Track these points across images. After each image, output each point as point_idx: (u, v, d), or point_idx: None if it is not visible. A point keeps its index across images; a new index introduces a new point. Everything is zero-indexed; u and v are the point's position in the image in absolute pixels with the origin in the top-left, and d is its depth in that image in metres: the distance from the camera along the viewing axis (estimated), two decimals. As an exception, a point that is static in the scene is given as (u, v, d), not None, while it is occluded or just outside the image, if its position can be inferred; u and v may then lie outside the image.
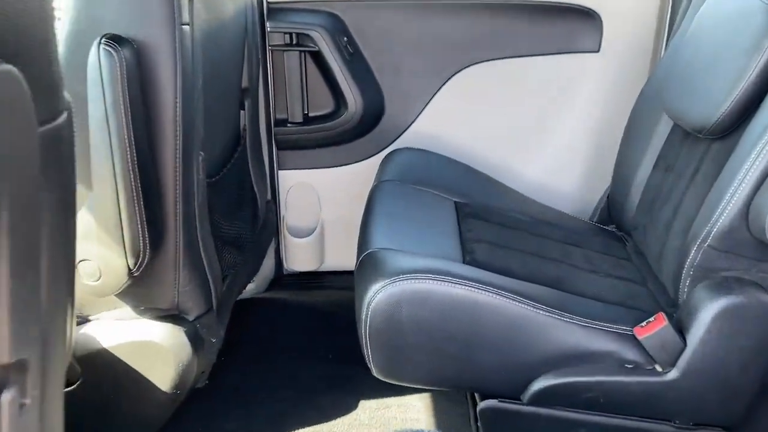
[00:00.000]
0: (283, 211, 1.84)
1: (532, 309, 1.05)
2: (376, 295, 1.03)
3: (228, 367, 1.47)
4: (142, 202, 1.00)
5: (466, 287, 1.04)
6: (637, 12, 1.69)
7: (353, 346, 1.09)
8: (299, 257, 1.88)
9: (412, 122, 1.77)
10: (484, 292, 1.04)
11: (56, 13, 0.99)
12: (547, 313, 1.05)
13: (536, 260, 1.26)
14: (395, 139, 1.78)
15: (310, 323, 1.70)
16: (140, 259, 1.03)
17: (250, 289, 1.78)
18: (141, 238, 1.01)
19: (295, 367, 1.51)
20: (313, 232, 1.85)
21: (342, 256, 1.85)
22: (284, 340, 1.62)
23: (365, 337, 1.05)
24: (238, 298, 1.50)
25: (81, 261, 1.04)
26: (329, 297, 1.82)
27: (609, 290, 1.22)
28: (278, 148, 1.77)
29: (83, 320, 1.16)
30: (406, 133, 1.77)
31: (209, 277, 1.18)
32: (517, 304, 1.04)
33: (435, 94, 1.75)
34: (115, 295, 1.10)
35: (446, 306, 1.04)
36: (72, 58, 0.98)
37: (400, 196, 1.44)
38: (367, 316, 1.04)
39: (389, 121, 1.76)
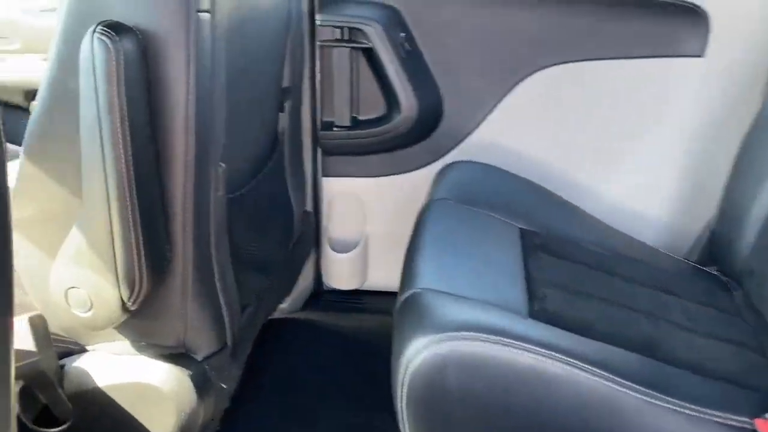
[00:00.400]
0: (324, 222, 1.68)
1: (619, 387, 0.81)
2: (418, 356, 0.82)
3: (243, 408, 1.29)
4: (140, 224, 0.84)
5: (533, 353, 0.81)
6: (753, 9, 1.41)
7: (388, 388, 0.89)
8: (339, 274, 1.72)
9: (474, 130, 1.57)
10: (555, 361, 0.81)
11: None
12: (639, 394, 0.81)
13: (623, 313, 1.02)
14: (453, 149, 1.58)
15: (342, 354, 1.51)
16: (136, 291, 0.86)
17: (283, 307, 1.62)
18: (137, 267, 0.85)
19: (318, 411, 1.32)
20: (355, 246, 1.68)
21: (386, 276, 1.67)
22: (310, 374, 1.44)
23: (401, 406, 0.84)
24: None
25: (70, 288, 0.89)
26: (368, 323, 1.64)
27: (715, 359, 0.97)
28: (322, 154, 1.60)
29: (80, 350, 1.01)
30: (465, 142, 1.58)
31: (224, 309, 1.01)
32: (598, 379, 0.81)
33: (502, 99, 1.53)
34: (113, 327, 0.94)
35: (506, 376, 0.82)
36: (67, 51, 0.83)
37: (455, 219, 1.24)
38: (404, 380, 0.83)
39: (447, 128, 1.57)
